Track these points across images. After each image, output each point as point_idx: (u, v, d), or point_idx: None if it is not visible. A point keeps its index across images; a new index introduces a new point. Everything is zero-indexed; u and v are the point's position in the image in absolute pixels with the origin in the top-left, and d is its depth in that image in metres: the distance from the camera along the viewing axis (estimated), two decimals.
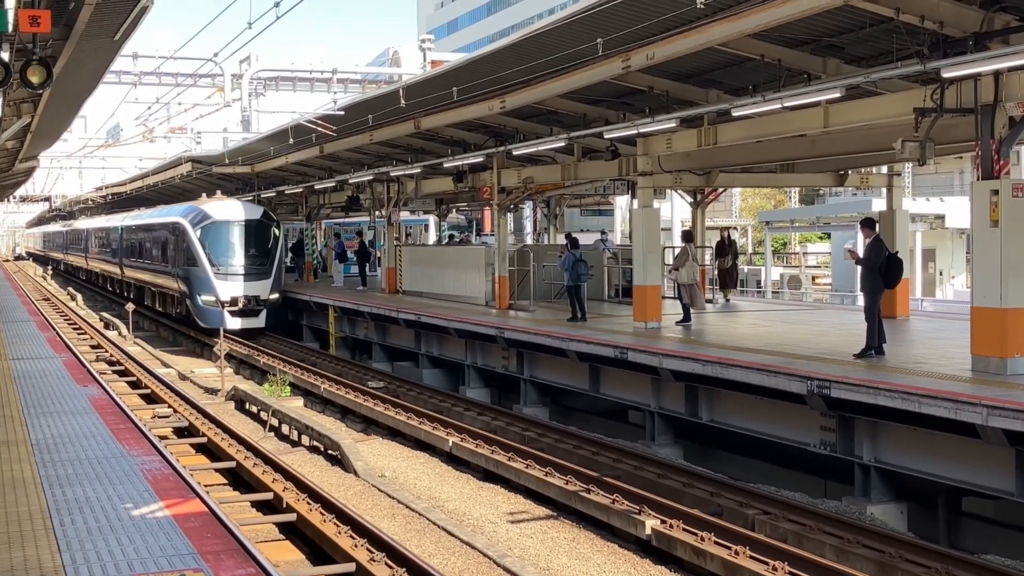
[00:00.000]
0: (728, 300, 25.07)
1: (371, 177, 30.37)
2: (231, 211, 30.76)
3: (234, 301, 29.58)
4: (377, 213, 35.34)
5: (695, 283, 19.83)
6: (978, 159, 12.74)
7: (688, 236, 21.38)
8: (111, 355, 25.58)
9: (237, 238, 30.09)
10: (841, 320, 20.67)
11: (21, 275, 68.91)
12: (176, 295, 32.43)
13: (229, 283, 29.57)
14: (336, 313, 29.72)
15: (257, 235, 30.52)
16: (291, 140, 28.55)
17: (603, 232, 30.63)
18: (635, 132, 17.96)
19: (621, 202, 37.13)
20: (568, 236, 22.72)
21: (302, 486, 12.93)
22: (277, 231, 31.32)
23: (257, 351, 27.78)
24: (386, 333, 27.14)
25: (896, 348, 15.30)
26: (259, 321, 30.18)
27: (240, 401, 20.58)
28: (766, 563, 9.97)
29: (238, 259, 29.93)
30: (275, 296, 30.57)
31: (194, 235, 30.02)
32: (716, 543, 10.65)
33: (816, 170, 22.91)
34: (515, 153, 22.40)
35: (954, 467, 11.99)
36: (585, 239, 32.83)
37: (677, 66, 15.79)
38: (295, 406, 20.06)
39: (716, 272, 25.63)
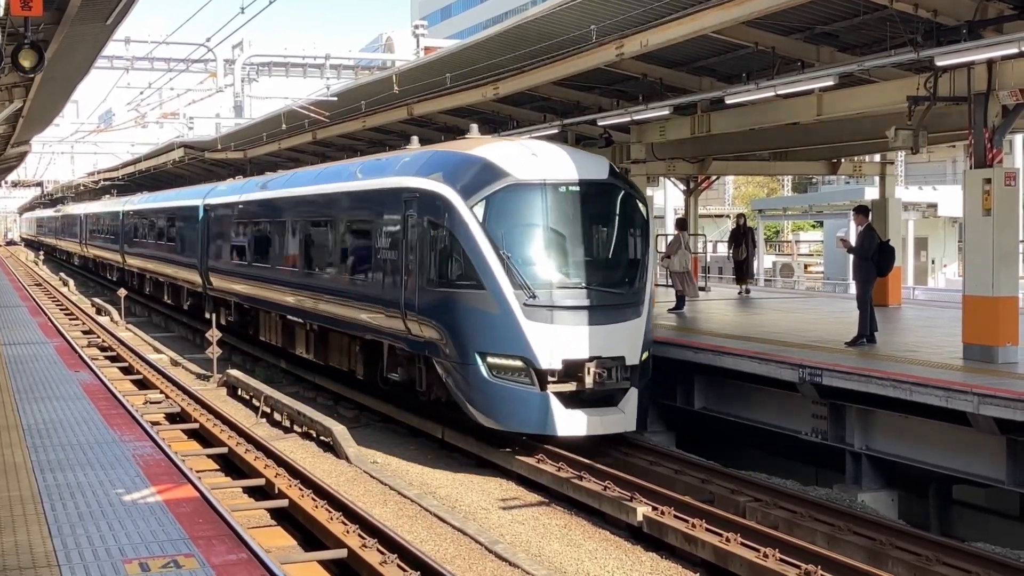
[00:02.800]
0: (748, 292, 24.32)
1: None
2: (548, 163, 14.31)
3: (570, 371, 13.48)
4: None
5: (687, 271, 19.88)
6: (971, 148, 12.77)
7: (682, 224, 21.40)
8: (103, 341, 25.54)
9: (569, 224, 14.14)
10: (833, 308, 20.70)
11: (13, 260, 68.73)
12: (402, 349, 15.66)
13: (558, 329, 13.48)
14: None
15: (609, 218, 14.66)
16: (284, 126, 28.48)
17: None
18: (629, 120, 17.95)
19: None
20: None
21: (294, 472, 12.92)
22: (644, 209, 14.87)
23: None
24: None
25: (888, 336, 15.34)
26: (624, 418, 13.76)
27: (232, 387, 20.55)
28: (757, 550, 9.99)
29: (576, 272, 13.97)
30: (645, 355, 14.14)
31: (469, 217, 13.74)
32: (707, 530, 10.67)
33: (809, 158, 22.94)
34: None
35: (945, 455, 12.02)
36: None
37: (671, 53, 15.77)
38: (288, 393, 20.04)
39: (732, 263, 25.14)
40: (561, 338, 13.46)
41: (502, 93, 19.04)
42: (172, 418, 17.05)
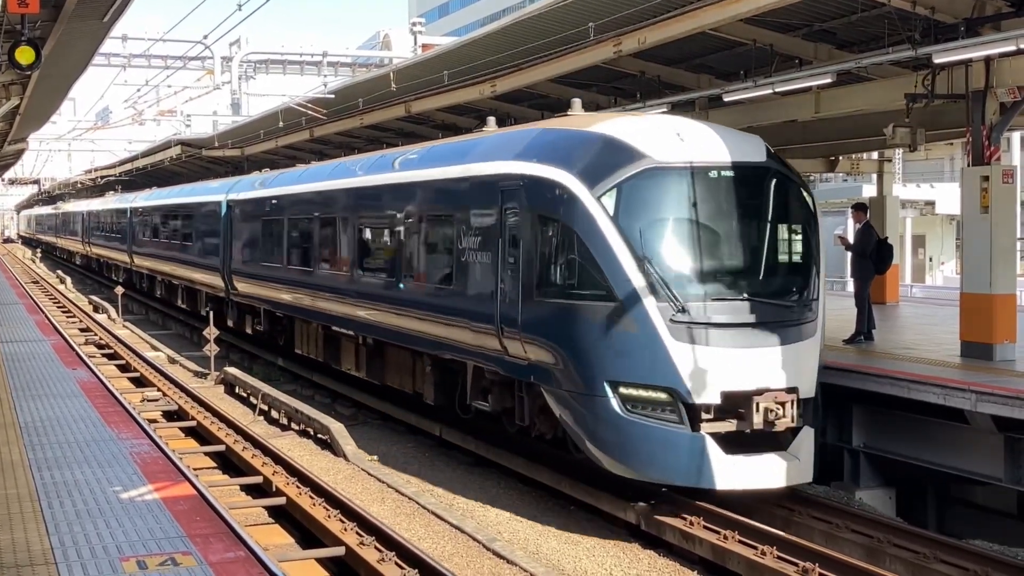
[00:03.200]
0: None
1: None
2: (693, 142, 11.44)
3: (730, 406, 10.75)
4: None
5: None
6: (969, 145, 12.77)
7: None
8: (100, 338, 25.53)
9: (724, 219, 11.38)
10: (831, 306, 20.57)
11: (10, 258, 68.67)
12: (494, 373, 12.86)
13: (715, 352, 10.67)
14: None
15: (771, 210, 11.68)
16: (281, 124, 28.47)
17: None
18: None
19: None
20: None
21: (292, 470, 12.91)
22: (810, 199, 11.94)
23: None
24: None
25: (886, 334, 15.34)
26: (799, 466, 10.90)
27: (230, 385, 20.54)
28: (755, 547, 9.98)
29: (735, 279, 11.21)
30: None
31: (596, 210, 10.93)
32: (705, 527, 10.67)
33: (807, 155, 22.92)
34: None
35: (943, 453, 12.02)
36: None
37: (669, 51, 15.75)
38: (285, 390, 20.03)
39: None
40: (719, 364, 10.59)
41: (499, 90, 19.03)
42: (169, 416, 17.04)
